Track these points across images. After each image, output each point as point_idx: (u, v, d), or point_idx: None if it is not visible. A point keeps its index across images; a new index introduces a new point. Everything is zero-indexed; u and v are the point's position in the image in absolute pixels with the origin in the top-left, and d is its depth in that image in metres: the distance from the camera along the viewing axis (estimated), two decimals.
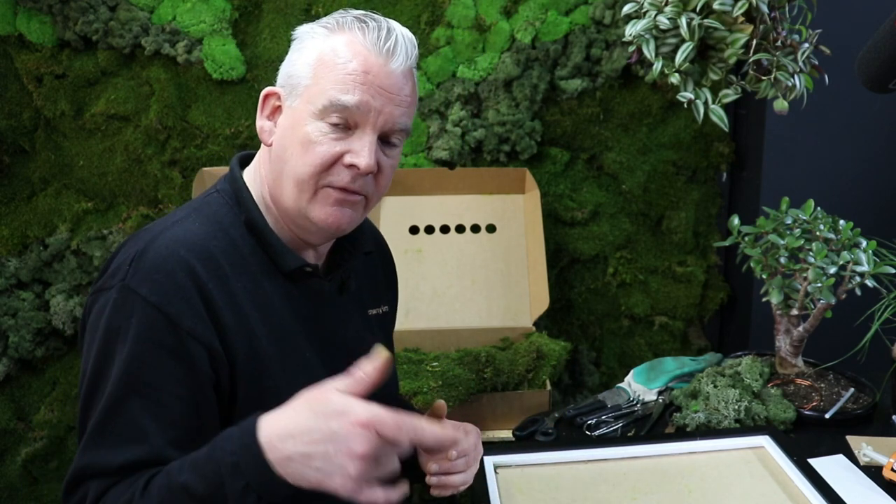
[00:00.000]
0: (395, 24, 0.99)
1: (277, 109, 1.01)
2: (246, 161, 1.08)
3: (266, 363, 0.95)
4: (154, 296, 0.88)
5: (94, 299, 0.94)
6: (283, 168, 0.98)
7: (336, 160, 0.95)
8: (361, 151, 0.95)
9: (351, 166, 0.95)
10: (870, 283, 1.43)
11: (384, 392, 1.11)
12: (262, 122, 1.02)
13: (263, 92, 1.01)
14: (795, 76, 1.27)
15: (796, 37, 1.30)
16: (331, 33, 0.97)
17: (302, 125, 0.95)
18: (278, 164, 0.98)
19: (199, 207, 1.00)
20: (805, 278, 1.44)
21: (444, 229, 1.98)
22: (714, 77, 1.28)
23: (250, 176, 1.04)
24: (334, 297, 1.07)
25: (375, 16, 0.99)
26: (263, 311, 0.97)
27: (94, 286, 0.95)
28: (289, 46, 1.02)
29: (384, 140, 0.99)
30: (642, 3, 1.27)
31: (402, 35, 0.98)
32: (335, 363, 1.03)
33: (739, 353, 1.66)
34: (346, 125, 0.95)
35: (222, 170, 1.58)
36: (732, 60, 1.26)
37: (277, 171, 0.99)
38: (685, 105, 1.28)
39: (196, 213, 0.99)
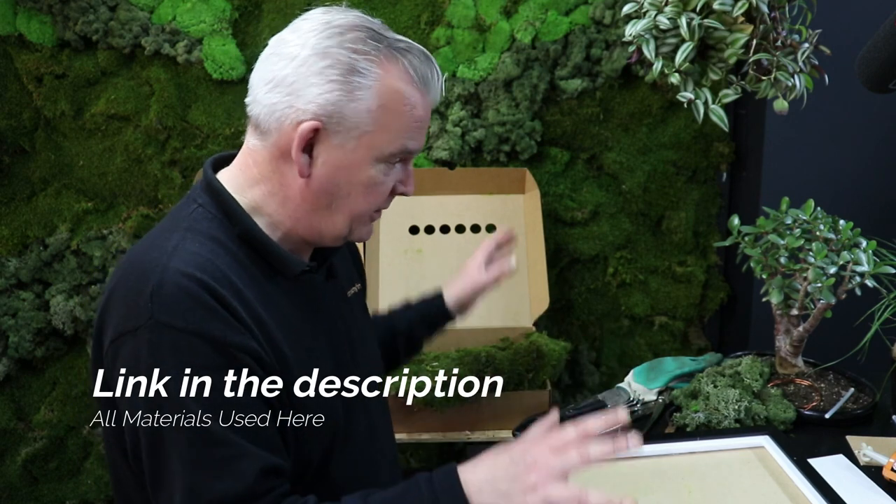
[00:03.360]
0: (417, 45, 0.99)
1: (312, 140, 0.95)
2: (220, 164, 1.04)
3: (287, 364, 0.96)
4: (191, 324, 0.87)
5: (117, 345, 0.90)
6: (331, 202, 0.97)
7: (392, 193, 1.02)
8: (408, 180, 1.02)
9: (401, 194, 1.02)
10: (870, 283, 1.43)
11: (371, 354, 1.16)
12: (295, 155, 0.95)
13: (303, 127, 0.93)
14: (795, 76, 1.27)
15: (796, 37, 1.30)
16: (384, 72, 0.94)
17: (364, 168, 0.96)
18: (323, 197, 0.97)
19: (190, 226, 0.96)
20: (805, 278, 1.44)
21: (444, 229, 1.98)
22: (714, 77, 1.28)
23: (235, 181, 1.00)
24: (325, 285, 1.08)
25: (411, 43, 0.98)
26: (275, 316, 0.97)
27: (111, 333, 0.91)
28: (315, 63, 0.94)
29: None
30: (642, 3, 1.27)
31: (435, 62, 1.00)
32: (339, 351, 1.06)
33: (739, 353, 1.66)
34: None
35: None
36: (732, 60, 1.26)
37: (318, 203, 0.97)
38: (685, 105, 1.28)
39: (191, 233, 0.95)
